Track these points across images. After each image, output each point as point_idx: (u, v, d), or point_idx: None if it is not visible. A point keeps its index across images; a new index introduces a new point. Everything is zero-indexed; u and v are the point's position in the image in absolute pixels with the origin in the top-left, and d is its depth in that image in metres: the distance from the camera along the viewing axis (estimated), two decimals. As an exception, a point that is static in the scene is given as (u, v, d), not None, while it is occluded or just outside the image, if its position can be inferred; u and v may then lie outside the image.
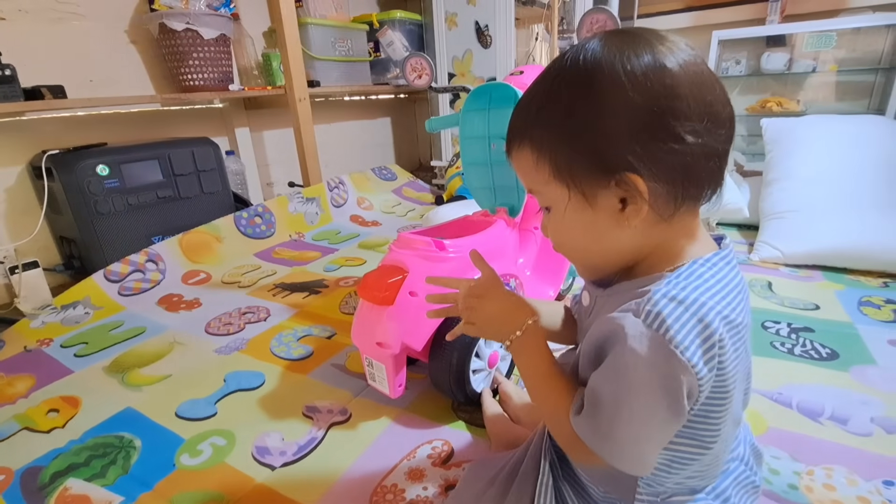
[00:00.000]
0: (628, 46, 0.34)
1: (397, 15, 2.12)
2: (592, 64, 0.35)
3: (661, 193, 0.35)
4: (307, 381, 0.87)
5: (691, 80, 0.34)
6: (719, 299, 0.35)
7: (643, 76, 0.33)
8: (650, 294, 0.34)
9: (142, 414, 0.81)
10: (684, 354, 0.32)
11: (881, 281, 1.15)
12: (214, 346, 1.01)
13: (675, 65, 0.34)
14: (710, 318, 0.33)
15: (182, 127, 1.73)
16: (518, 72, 0.97)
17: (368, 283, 0.73)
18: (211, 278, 1.40)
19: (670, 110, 0.33)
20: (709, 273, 0.36)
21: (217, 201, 1.57)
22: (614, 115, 0.34)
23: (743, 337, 0.36)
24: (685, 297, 0.34)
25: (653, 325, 0.33)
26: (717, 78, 0.36)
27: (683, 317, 0.33)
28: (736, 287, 0.37)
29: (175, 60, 1.55)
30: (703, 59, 0.36)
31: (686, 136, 0.33)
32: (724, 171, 0.37)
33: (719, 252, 0.38)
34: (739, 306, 0.36)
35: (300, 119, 1.74)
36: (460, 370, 0.73)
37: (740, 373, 0.36)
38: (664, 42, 0.35)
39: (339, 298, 1.21)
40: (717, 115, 0.35)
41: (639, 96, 0.33)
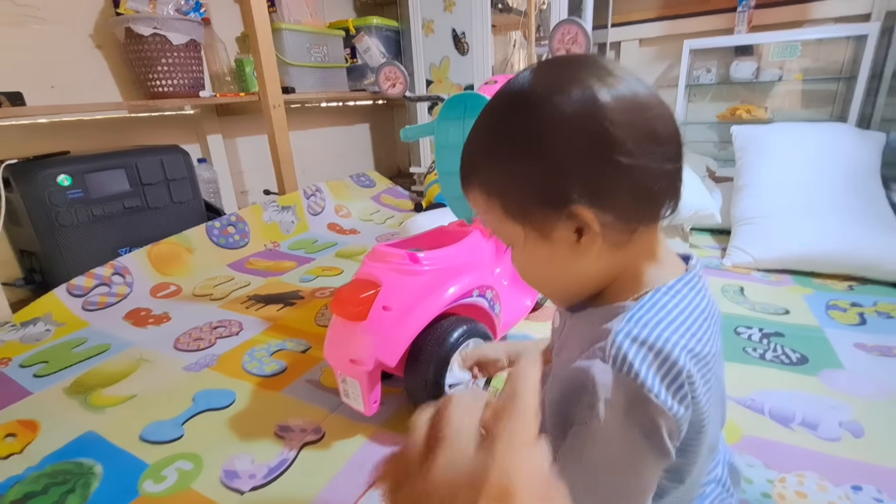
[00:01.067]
0: (558, 81, 0.35)
1: (374, 21, 2.10)
2: (525, 103, 0.35)
3: (612, 220, 0.35)
4: (280, 399, 0.84)
5: (625, 105, 0.34)
6: (683, 332, 0.34)
7: (575, 111, 0.33)
8: (613, 336, 0.33)
9: (103, 438, 0.77)
10: (658, 398, 0.32)
11: (846, 284, 1.18)
12: (183, 363, 0.98)
13: (607, 94, 0.33)
14: (676, 356, 0.32)
15: (152, 134, 1.68)
16: (492, 81, 0.97)
17: (341, 297, 0.71)
18: (181, 291, 1.35)
19: (606, 140, 0.33)
20: (672, 303, 0.36)
21: (188, 211, 1.52)
22: (551, 152, 0.34)
23: (712, 367, 0.35)
24: (648, 337, 0.33)
25: (622, 369, 0.32)
26: (657, 97, 0.35)
27: (648, 358, 0.32)
28: (703, 314, 0.36)
29: (143, 66, 1.50)
30: (637, 80, 0.35)
31: (626, 163, 0.33)
32: (679, 187, 0.37)
33: (683, 277, 0.37)
34: (706, 335, 0.35)
35: (274, 126, 1.71)
36: (437, 384, 0.72)
37: (713, 402, 0.36)
38: (595, 71, 0.35)
39: (314, 310, 1.19)
40: (658, 136, 0.34)
41: (573, 131, 0.33)
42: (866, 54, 1.65)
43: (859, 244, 1.19)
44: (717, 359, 0.37)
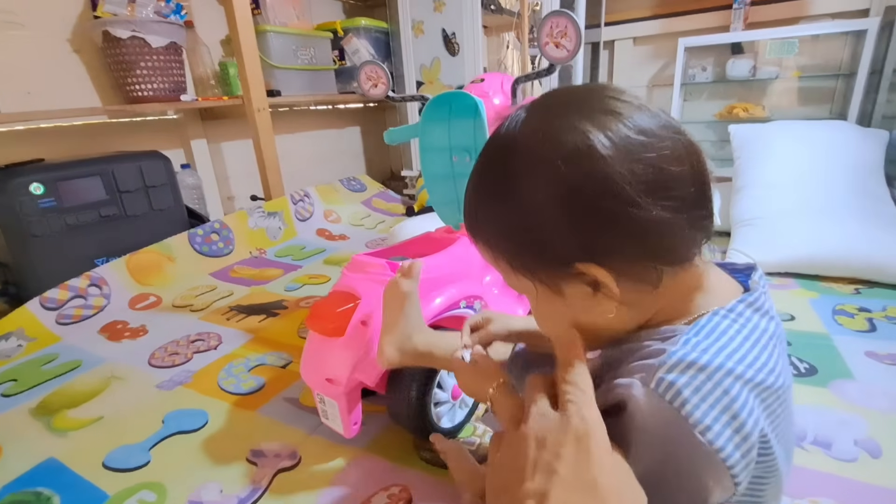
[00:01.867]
0: (549, 131, 0.32)
1: (362, 23, 2.06)
2: (515, 159, 0.33)
3: (629, 270, 0.32)
4: (255, 420, 0.79)
5: (625, 151, 0.30)
6: (751, 361, 0.30)
7: (568, 167, 0.30)
8: (664, 356, 0.29)
9: (65, 465, 0.72)
10: (705, 435, 0.27)
11: (853, 288, 1.13)
12: (156, 381, 0.92)
13: (603, 140, 0.30)
14: (728, 384, 0.28)
15: (133, 140, 1.63)
16: (479, 79, 0.92)
17: (317, 312, 0.66)
18: (161, 302, 1.30)
19: (604, 195, 0.30)
20: (734, 328, 0.31)
21: (168, 218, 1.47)
22: (548, 209, 0.31)
23: (782, 399, 0.31)
24: (707, 363, 0.28)
25: (666, 396, 0.28)
26: (670, 129, 0.31)
27: (706, 387, 0.28)
28: (771, 339, 0.32)
29: (121, 70, 1.45)
30: (644, 111, 0.31)
31: (630, 213, 0.30)
32: (707, 226, 0.33)
33: (746, 297, 0.33)
34: (776, 364, 0.31)
35: (259, 130, 1.66)
36: (421, 403, 0.67)
37: (782, 440, 0.31)
38: (590, 112, 0.31)
39: (297, 321, 1.13)
40: (667, 181, 0.30)
41: (567, 189, 0.30)
42: (866, 50, 1.61)
43: (865, 245, 1.15)
44: (788, 391, 0.32)
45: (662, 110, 0.33)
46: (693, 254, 0.33)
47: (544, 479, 0.28)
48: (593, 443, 0.28)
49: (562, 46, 0.77)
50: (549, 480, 0.28)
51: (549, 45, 0.78)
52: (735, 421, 0.28)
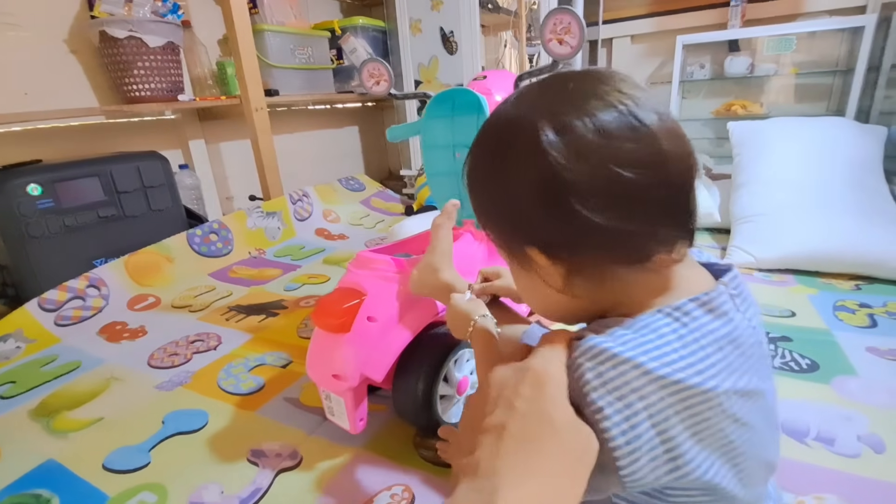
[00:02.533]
0: (514, 123, 0.34)
1: (359, 21, 2.05)
2: (489, 143, 0.36)
3: (576, 264, 0.34)
4: (255, 420, 0.79)
5: (575, 154, 0.31)
6: (667, 352, 0.30)
7: (525, 158, 0.33)
8: (584, 340, 0.31)
9: (64, 467, 0.71)
10: (596, 416, 0.29)
11: (853, 283, 1.13)
12: (156, 382, 0.92)
13: (553, 139, 0.31)
14: (633, 378, 0.29)
15: (131, 141, 1.62)
16: (482, 76, 0.92)
17: (322, 308, 0.66)
18: (160, 302, 1.29)
19: (552, 189, 0.32)
20: (671, 326, 0.31)
21: (167, 219, 1.46)
22: (506, 197, 0.35)
23: (716, 404, 0.30)
24: (617, 354, 0.30)
25: (574, 375, 0.31)
26: (637, 133, 0.31)
27: (608, 374, 0.30)
28: (719, 341, 0.31)
29: (119, 71, 1.44)
30: (619, 107, 0.31)
31: (575, 211, 0.31)
32: (667, 228, 0.32)
33: (700, 297, 0.32)
34: (704, 364, 0.30)
35: (257, 129, 1.65)
36: (427, 396, 0.67)
37: (711, 448, 0.31)
38: (558, 104, 0.32)
39: (297, 321, 1.13)
40: (615, 185, 0.31)
41: (520, 178, 0.33)
42: (863, 47, 1.61)
43: (864, 241, 1.15)
44: (737, 399, 0.31)
45: (655, 109, 0.32)
46: (650, 256, 0.33)
47: (504, 413, 0.31)
48: (551, 386, 0.30)
49: (565, 43, 0.77)
50: (508, 414, 0.30)
51: (553, 41, 0.78)
52: (627, 410, 0.29)
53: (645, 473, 0.29)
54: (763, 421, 0.33)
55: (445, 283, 0.59)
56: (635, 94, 0.32)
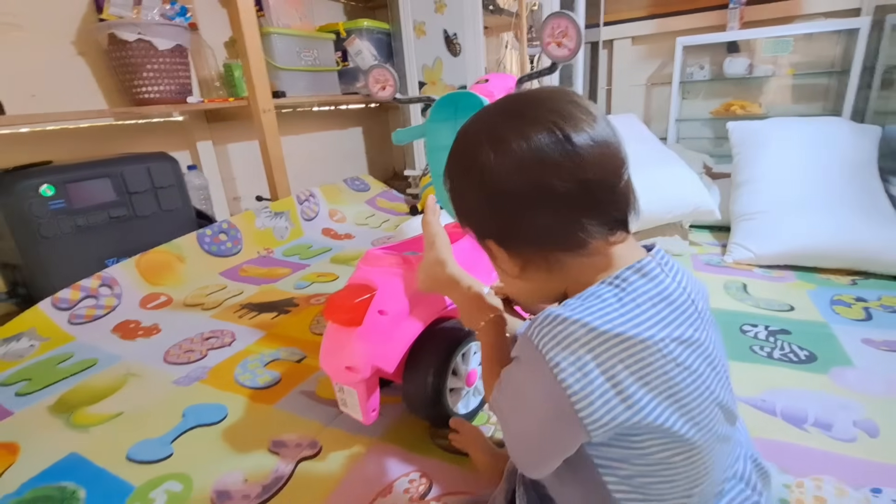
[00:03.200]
0: (470, 135, 0.42)
1: (364, 24, 2.08)
2: (460, 146, 0.43)
3: (525, 254, 0.41)
4: (273, 412, 0.81)
5: (513, 167, 0.38)
6: (608, 312, 0.36)
7: (473, 167, 0.40)
8: (544, 311, 0.38)
9: (87, 459, 0.74)
10: (554, 370, 0.35)
11: (850, 279, 1.17)
12: (173, 377, 0.94)
13: (493, 154, 0.38)
14: (580, 335, 0.35)
15: (139, 142, 1.64)
16: (484, 80, 0.95)
17: (334, 303, 0.68)
18: (172, 301, 1.32)
19: (496, 193, 0.39)
20: (611, 291, 0.38)
21: (177, 219, 1.49)
22: (467, 196, 0.42)
23: (659, 353, 0.36)
24: (566, 317, 0.36)
25: (534, 340, 0.37)
26: (565, 151, 0.36)
27: (561, 335, 0.35)
28: (653, 298, 0.38)
29: (127, 73, 1.47)
30: (549, 134, 0.37)
31: (516, 212, 0.39)
32: (595, 223, 0.38)
33: (634, 265, 0.39)
34: (647, 319, 0.36)
35: (265, 131, 1.68)
36: (437, 389, 0.69)
37: (657, 390, 0.36)
38: (508, 123, 0.39)
39: (309, 318, 1.15)
40: (547, 192, 0.37)
41: (473, 182, 0.40)
42: (858, 48, 1.65)
43: (860, 238, 1.18)
44: (676, 346, 0.37)
45: (587, 126, 0.38)
46: (585, 244, 0.39)
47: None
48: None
49: (563, 46, 0.80)
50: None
51: (552, 44, 0.81)
52: (579, 361, 0.35)
53: (601, 415, 0.35)
54: (705, 365, 0.38)
55: (451, 276, 0.62)
56: (564, 110, 0.38)
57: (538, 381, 0.37)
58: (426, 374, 0.69)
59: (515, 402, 0.41)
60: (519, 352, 0.40)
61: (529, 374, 0.38)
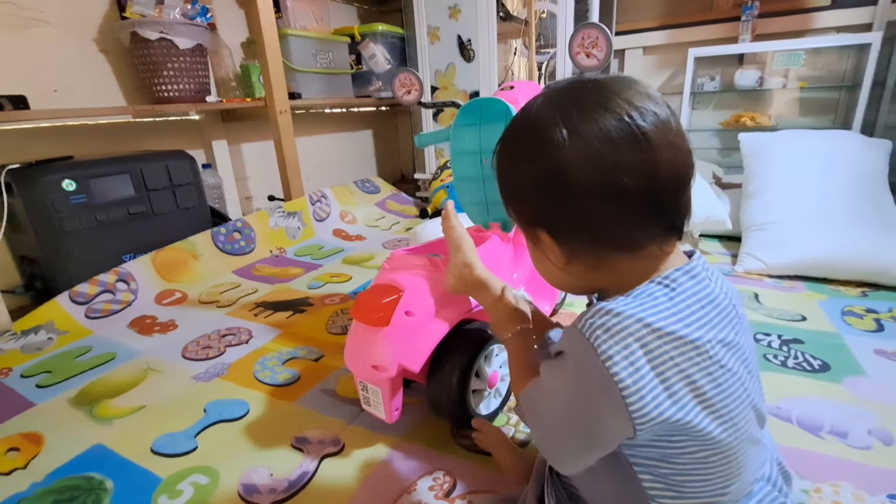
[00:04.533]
0: (538, 121, 0.40)
1: (379, 28, 2.10)
2: (513, 135, 0.42)
3: (576, 246, 0.40)
4: (295, 409, 0.82)
5: (582, 157, 0.36)
6: (661, 311, 0.36)
7: (538, 152, 0.39)
8: (594, 306, 0.38)
9: (113, 451, 0.75)
10: (606, 363, 0.35)
11: (860, 290, 1.18)
12: (192, 373, 0.95)
13: (567, 141, 0.37)
14: (634, 329, 0.35)
15: (155, 139, 1.66)
16: (509, 87, 0.96)
17: (362, 303, 0.70)
18: (187, 298, 1.33)
19: (559, 183, 0.38)
20: (663, 291, 0.38)
21: (193, 217, 1.50)
22: (522, 184, 0.41)
23: (709, 355, 0.36)
24: (620, 311, 0.36)
25: (585, 332, 0.36)
26: (638, 145, 0.36)
27: (614, 328, 0.35)
28: (701, 300, 0.38)
29: (148, 71, 1.49)
30: (623, 117, 0.36)
31: (577, 204, 0.38)
32: (655, 226, 0.38)
33: (683, 267, 0.39)
34: (697, 319, 0.37)
35: (281, 131, 1.70)
36: (461, 390, 0.70)
37: (702, 392, 0.36)
38: (571, 110, 0.37)
39: (325, 317, 1.17)
40: (611, 187, 0.36)
41: (535, 168, 0.39)
42: (869, 63, 1.66)
43: (870, 250, 1.19)
44: (720, 348, 0.38)
45: (659, 121, 0.37)
46: (642, 247, 0.39)
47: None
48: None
49: (592, 56, 0.82)
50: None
51: (581, 54, 0.83)
52: (631, 355, 0.35)
53: (650, 409, 0.35)
54: (742, 368, 0.39)
55: (480, 279, 0.64)
56: (643, 106, 0.37)
57: (587, 373, 0.37)
58: (451, 375, 0.70)
59: (557, 398, 0.41)
60: (565, 345, 0.40)
61: (577, 367, 0.38)
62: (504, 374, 0.79)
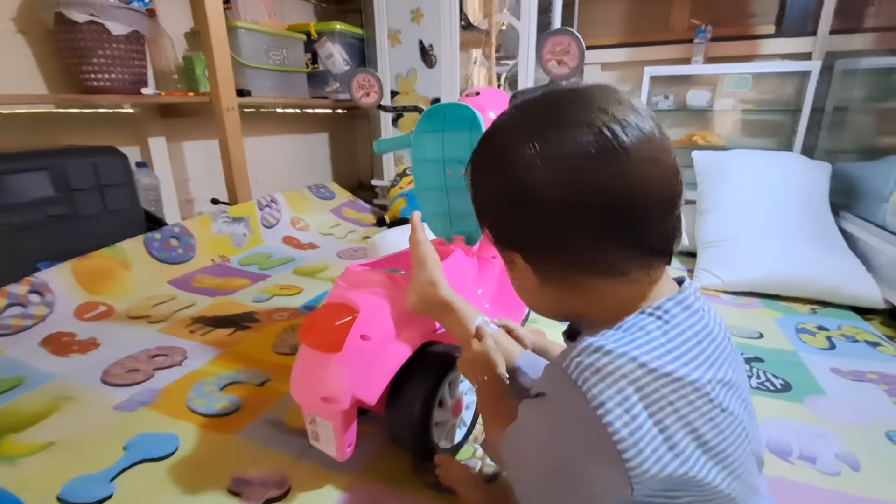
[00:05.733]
0: (506, 133, 0.37)
1: (337, 27, 2.02)
2: (484, 149, 0.39)
3: (550, 270, 0.37)
4: (235, 444, 0.73)
5: (552, 173, 0.33)
6: (656, 347, 0.32)
7: (507, 168, 0.36)
8: (581, 341, 0.34)
9: (15, 497, 0.62)
10: (597, 411, 0.30)
11: (809, 307, 1.22)
12: (114, 401, 0.83)
13: (533, 157, 0.34)
14: (628, 370, 0.31)
15: (84, 134, 1.49)
16: (474, 93, 0.92)
17: (312, 325, 0.62)
18: (113, 312, 1.18)
19: (529, 201, 0.34)
20: (655, 324, 0.34)
21: (124, 220, 1.35)
22: (494, 198, 0.38)
23: (709, 398, 0.33)
24: (612, 349, 0.32)
25: (572, 374, 0.32)
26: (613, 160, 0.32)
27: (606, 368, 0.31)
28: (697, 335, 0.34)
29: (76, 57, 1.33)
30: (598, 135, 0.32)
31: (549, 224, 0.34)
32: (632, 249, 0.35)
33: (676, 296, 0.36)
34: (694, 357, 0.33)
35: (227, 130, 1.57)
36: (424, 422, 0.64)
37: (704, 440, 0.32)
38: (541, 127, 0.34)
39: (272, 335, 1.07)
40: (585, 206, 0.33)
41: (504, 185, 0.36)
42: (809, 89, 1.76)
43: (817, 268, 1.24)
44: (720, 389, 0.34)
45: (641, 134, 0.33)
46: (622, 271, 0.35)
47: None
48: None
49: (564, 64, 0.78)
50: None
51: (551, 61, 0.79)
52: (626, 402, 0.30)
53: (650, 465, 0.30)
54: (742, 409, 0.35)
55: (444, 299, 0.60)
56: (625, 119, 0.33)
57: (575, 422, 0.32)
58: (413, 404, 0.63)
59: (538, 447, 0.36)
60: (548, 386, 0.35)
61: (562, 415, 0.34)
62: (469, 402, 0.73)
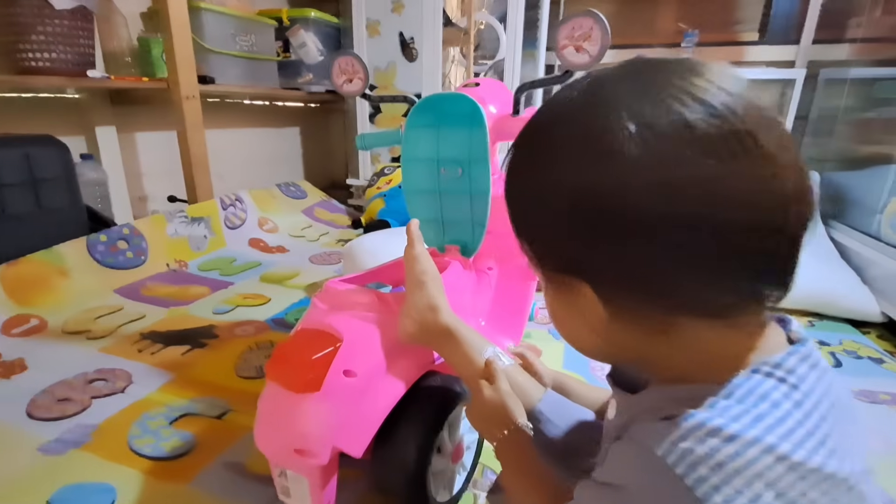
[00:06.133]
0: (584, 110, 0.27)
1: (311, 14, 1.89)
2: (543, 139, 0.29)
3: (619, 299, 0.27)
4: (187, 496, 0.60)
5: (657, 162, 0.23)
6: (793, 428, 0.23)
7: (586, 160, 0.25)
8: (680, 417, 0.24)
9: None
10: None
11: (807, 320, 1.18)
12: (39, 441, 0.69)
13: (637, 139, 0.23)
14: (763, 466, 0.22)
15: (20, 121, 1.31)
16: (473, 83, 0.82)
17: (283, 357, 0.51)
18: (46, 326, 1.02)
19: (615, 206, 0.24)
20: (781, 390, 0.25)
21: (62, 220, 1.19)
22: (550, 202, 0.28)
23: (857, 495, 0.24)
24: (738, 433, 0.23)
25: (675, 467, 0.23)
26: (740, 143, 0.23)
27: (732, 465, 0.22)
28: (834, 405, 0.26)
29: (11, 33, 1.17)
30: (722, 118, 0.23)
31: (655, 246, 0.24)
32: (757, 279, 0.26)
33: (798, 348, 0.27)
34: (837, 441, 0.24)
35: (187, 120, 1.42)
36: (420, 469, 0.53)
37: None
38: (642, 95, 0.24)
39: (234, 355, 0.94)
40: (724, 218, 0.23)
41: (577, 187, 0.26)
42: (793, 98, 1.76)
43: (812, 280, 1.20)
44: (866, 479, 0.25)
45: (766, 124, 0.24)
46: (732, 311, 0.26)
47: None
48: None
49: (583, 50, 0.69)
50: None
51: (569, 48, 0.70)
52: None
53: None
54: (878, 498, 0.27)
55: (447, 328, 0.50)
56: (742, 95, 0.24)
57: None
58: (406, 450, 0.53)
59: None
60: (629, 478, 0.25)
61: None
62: (470, 442, 0.63)
